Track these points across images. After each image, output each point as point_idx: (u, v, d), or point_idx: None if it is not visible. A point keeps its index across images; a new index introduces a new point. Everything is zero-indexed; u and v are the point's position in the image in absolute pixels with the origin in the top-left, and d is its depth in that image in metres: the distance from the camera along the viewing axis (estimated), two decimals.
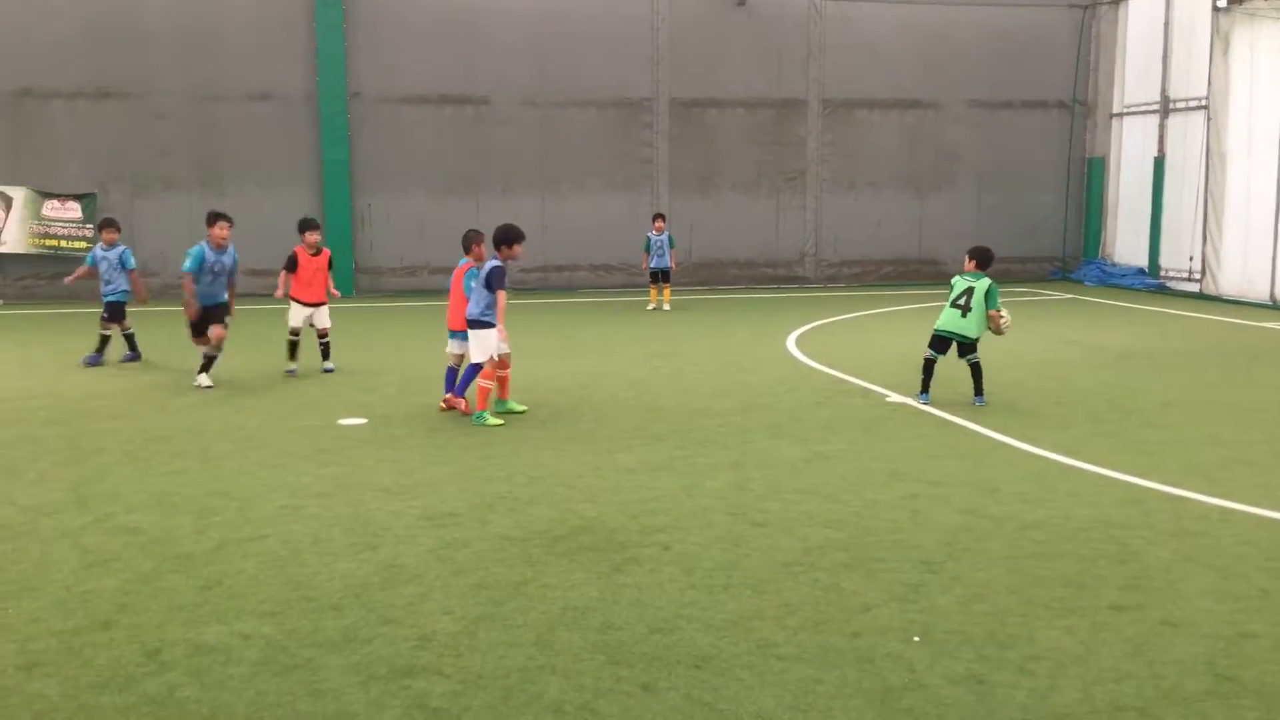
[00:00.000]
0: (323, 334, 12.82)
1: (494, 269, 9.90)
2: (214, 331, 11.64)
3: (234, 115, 21.84)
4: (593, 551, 6.45)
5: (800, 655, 5.02)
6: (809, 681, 4.75)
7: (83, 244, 20.58)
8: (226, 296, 11.91)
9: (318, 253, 12.69)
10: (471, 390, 10.18)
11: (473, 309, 9.97)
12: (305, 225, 12.75)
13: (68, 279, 14.18)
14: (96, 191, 21.17)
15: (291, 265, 12.53)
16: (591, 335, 16.47)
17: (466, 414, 10.25)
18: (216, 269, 11.72)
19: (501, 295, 9.84)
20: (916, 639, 5.19)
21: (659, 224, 19.50)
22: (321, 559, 6.32)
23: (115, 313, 13.45)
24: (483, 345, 9.92)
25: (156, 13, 21.31)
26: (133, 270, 13.49)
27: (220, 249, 11.77)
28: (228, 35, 21.63)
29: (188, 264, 11.59)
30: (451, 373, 10.65)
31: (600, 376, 12.59)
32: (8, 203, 20.71)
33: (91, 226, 20.78)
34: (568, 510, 7.28)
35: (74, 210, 21.00)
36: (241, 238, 21.58)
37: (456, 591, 5.81)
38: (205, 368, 11.71)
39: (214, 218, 11.76)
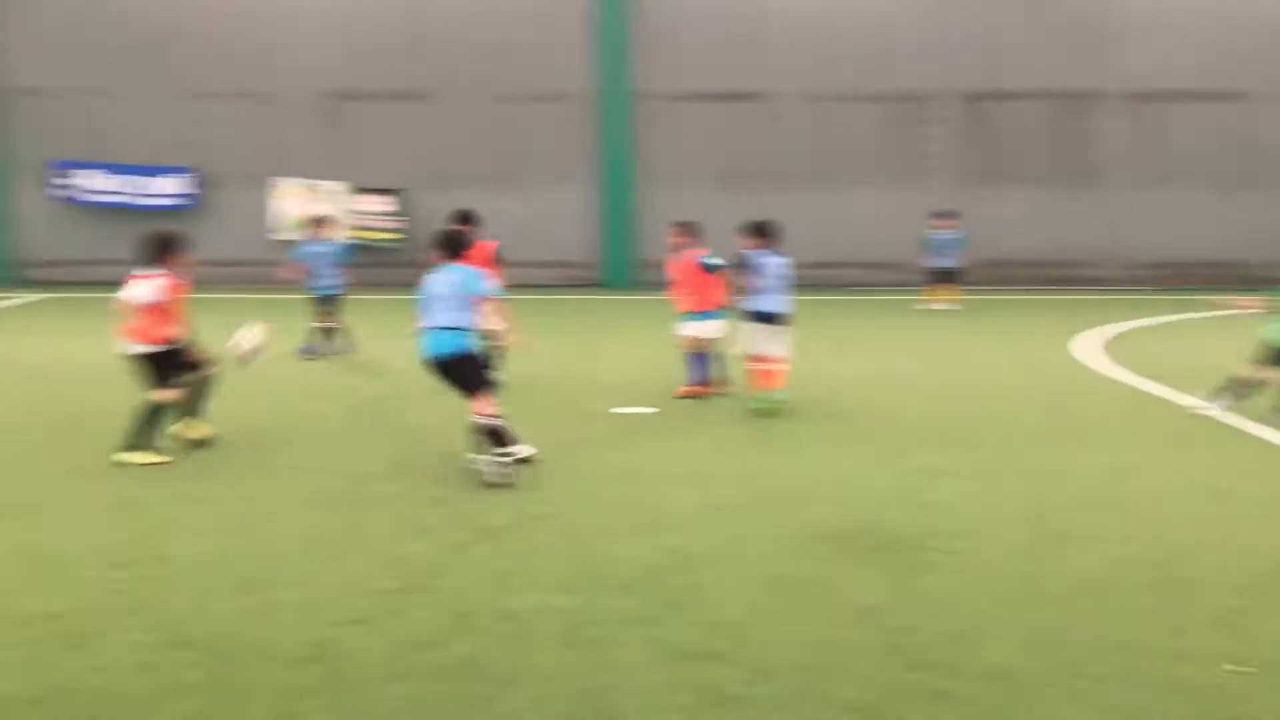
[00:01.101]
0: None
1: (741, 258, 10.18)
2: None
3: (522, 115, 22.88)
4: (882, 552, 6.33)
5: (1110, 677, 4.73)
6: (1121, 706, 4.47)
7: (392, 235, 22.18)
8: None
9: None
10: (741, 375, 10.43)
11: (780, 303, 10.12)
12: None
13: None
14: (404, 187, 22.70)
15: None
16: (868, 334, 16.19)
17: (698, 396, 10.64)
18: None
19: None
20: (1238, 669, 4.79)
21: (946, 222, 18.89)
22: (611, 539, 6.51)
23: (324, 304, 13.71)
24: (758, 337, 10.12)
25: (456, 17, 22.63)
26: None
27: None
28: (517, 38, 22.68)
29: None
30: (695, 358, 10.82)
31: (880, 376, 12.35)
32: (325, 196, 22.53)
33: (404, 219, 22.35)
34: (853, 509, 7.18)
35: (385, 204, 22.62)
36: (526, 231, 22.82)
37: (745, 582, 5.84)
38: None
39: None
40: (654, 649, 4.98)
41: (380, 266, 21.98)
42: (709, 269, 10.70)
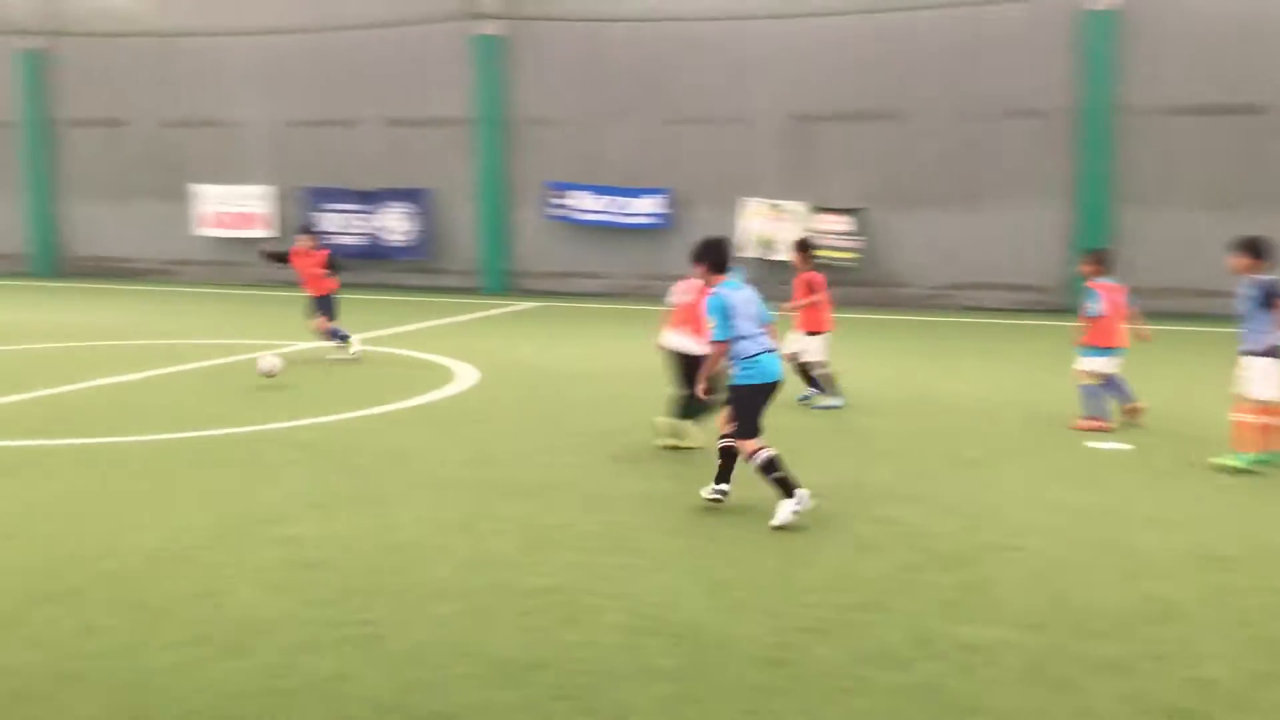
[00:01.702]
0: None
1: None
2: None
3: (990, 133, 22.21)
4: None
5: None
6: None
7: (849, 254, 22.46)
8: None
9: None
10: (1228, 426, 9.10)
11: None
12: None
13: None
14: (862, 206, 22.87)
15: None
16: None
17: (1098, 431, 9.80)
18: None
19: None
20: None
21: None
22: (1082, 580, 6.18)
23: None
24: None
25: (924, 36, 22.41)
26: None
27: None
28: (989, 52, 22.04)
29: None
30: (1093, 390, 10.25)
31: None
32: (785, 215, 23.22)
33: (861, 239, 22.57)
34: None
35: (843, 223, 22.93)
36: (989, 253, 22.13)
37: (1236, 640, 5.32)
38: None
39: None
40: (1134, 701, 4.67)
41: (838, 286, 22.31)
42: (1089, 313, 10.32)
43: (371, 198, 26.03)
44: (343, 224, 26.24)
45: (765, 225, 23.25)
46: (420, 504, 7.58)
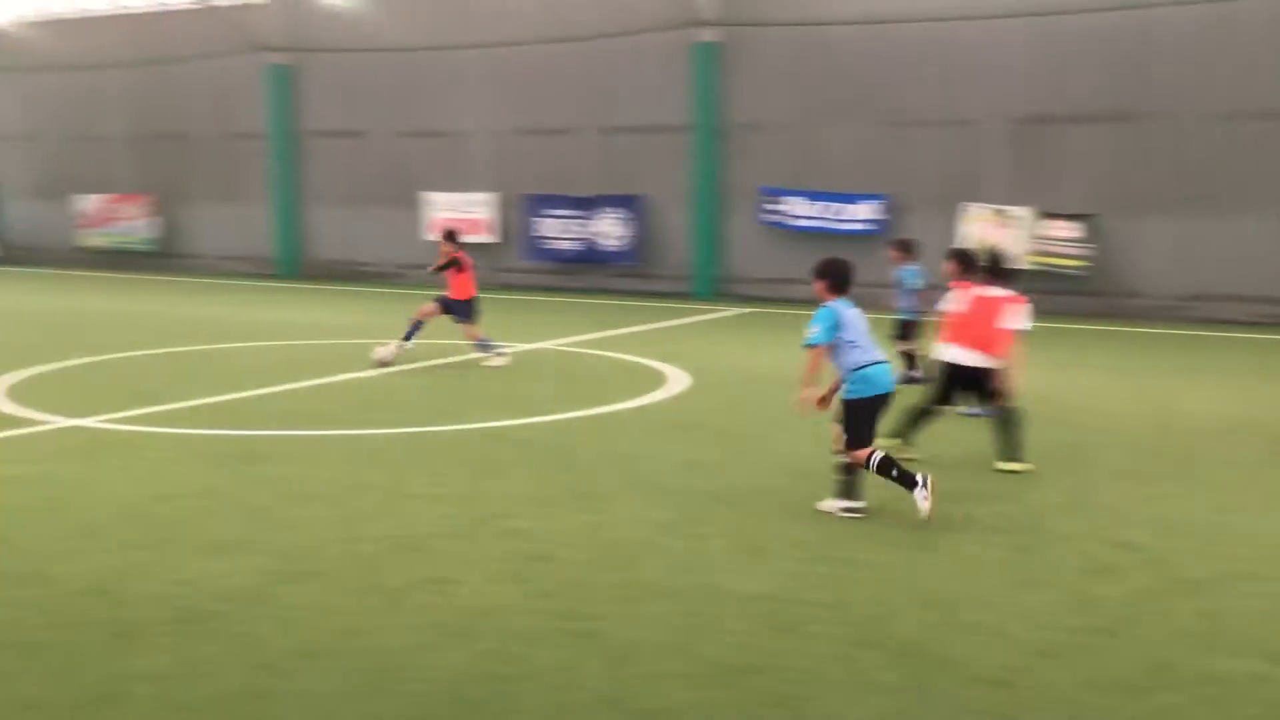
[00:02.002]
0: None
1: None
2: None
3: (1233, 136, 20.79)
4: None
5: None
6: None
7: (1078, 262, 21.48)
8: None
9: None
10: None
11: None
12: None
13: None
14: (1093, 213, 21.81)
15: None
16: None
17: None
18: None
19: None
20: None
21: None
22: None
23: (902, 330, 13.19)
24: None
25: (1171, 30, 21.18)
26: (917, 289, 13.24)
27: None
28: (1236, 53, 20.61)
29: None
30: None
31: None
32: (1010, 221, 22.39)
33: (1091, 246, 21.56)
34: None
35: (1072, 230, 21.93)
36: (1225, 263, 20.68)
37: None
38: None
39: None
40: None
41: (1065, 295, 21.39)
42: None
43: (588, 204, 26.67)
44: (560, 229, 27.01)
45: (989, 231, 22.50)
46: (635, 504, 7.72)
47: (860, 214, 24.02)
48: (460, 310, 14.29)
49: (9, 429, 10.04)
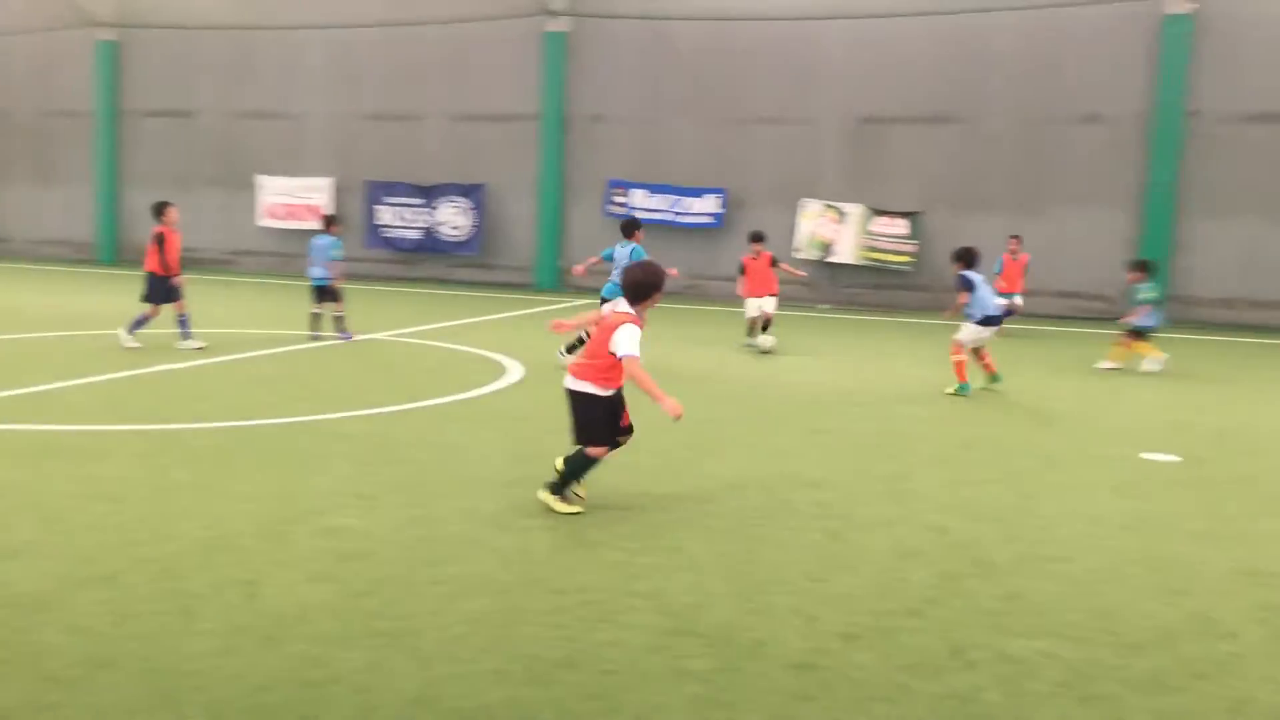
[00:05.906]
0: (768, 320, 16.21)
1: None
2: None
3: (1059, 138, 21.85)
4: None
5: None
6: None
7: (904, 258, 22.20)
8: None
9: (758, 256, 16.18)
10: None
11: None
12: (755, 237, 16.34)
13: (578, 268, 14.73)
14: (920, 210, 22.61)
15: (742, 270, 16.44)
16: None
17: None
18: None
19: None
20: None
21: None
22: (1124, 594, 6.04)
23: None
24: None
25: (1000, 40, 22.08)
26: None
27: None
28: (1065, 58, 21.67)
29: None
30: None
31: None
32: (843, 218, 23.02)
33: (916, 242, 22.30)
34: None
35: (899, 226, 22.68)
36: (1052, 259, 21.72)
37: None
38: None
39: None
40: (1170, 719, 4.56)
41: (891, 289, 22.13)
42: None
43: (430, 192, 26.25)
44: (401, 217, 26.51)
45: (822, 227, 23.07)
46: (461, 498, 7.60)
47: (700, 207, 24.32)
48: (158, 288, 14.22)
49: None
